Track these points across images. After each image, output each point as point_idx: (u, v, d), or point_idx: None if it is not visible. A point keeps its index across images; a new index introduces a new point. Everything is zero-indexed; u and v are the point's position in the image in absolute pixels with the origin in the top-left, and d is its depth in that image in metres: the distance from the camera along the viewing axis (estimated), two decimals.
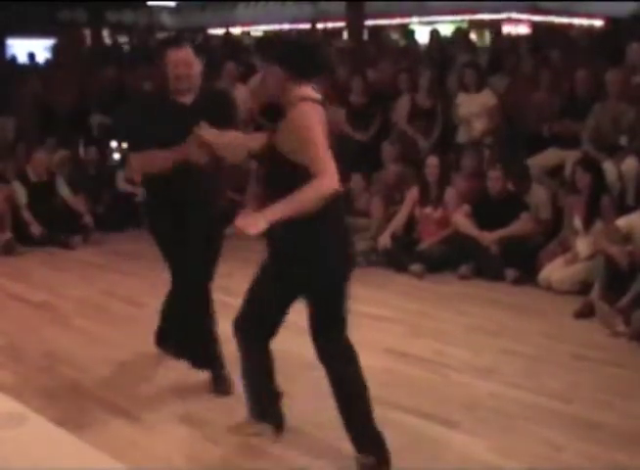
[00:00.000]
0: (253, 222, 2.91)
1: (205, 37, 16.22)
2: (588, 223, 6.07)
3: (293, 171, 3.08)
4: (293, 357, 4.34)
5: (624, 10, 14.44)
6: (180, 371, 4.35)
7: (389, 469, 3.33)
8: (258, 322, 3.45)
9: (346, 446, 3.59)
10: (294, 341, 4.33)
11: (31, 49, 14.68)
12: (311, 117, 3.10)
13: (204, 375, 4.24)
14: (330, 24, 18.41)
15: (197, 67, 3.97)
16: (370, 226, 7.23)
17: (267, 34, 20.54)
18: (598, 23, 18.36)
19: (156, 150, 3.84)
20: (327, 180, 2.99)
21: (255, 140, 3.38)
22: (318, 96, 3.24)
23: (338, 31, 16.53)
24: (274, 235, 3.14)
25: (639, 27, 9.88)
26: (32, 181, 8.08)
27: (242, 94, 6.88)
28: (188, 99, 3.97)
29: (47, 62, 13.91)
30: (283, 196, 3.00)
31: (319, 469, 3.43)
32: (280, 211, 2.96)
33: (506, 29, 18.33)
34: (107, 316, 5.66)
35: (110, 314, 5.71)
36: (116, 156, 9.43)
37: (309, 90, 3.22)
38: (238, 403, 4.00)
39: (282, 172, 3.14)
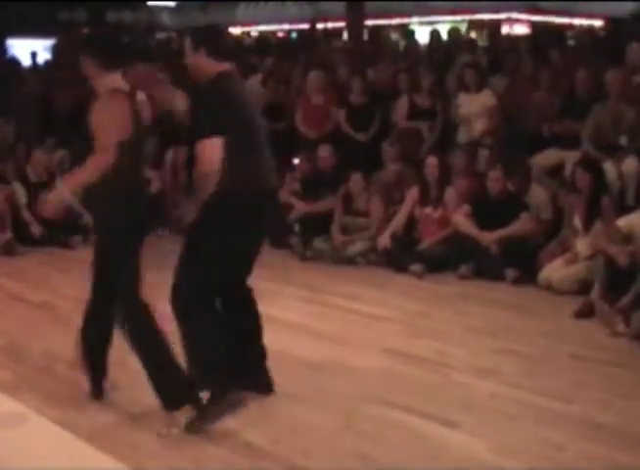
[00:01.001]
0: (57, 192, 3.63)
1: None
2: (588, 223, 6.07)
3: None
4: (293, 357, 4.34)
5: (624, 10, 14.46)
6: None
7: None
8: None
9: (347, 446, 3.60)
10: (294, 341, 4.35)
11: (31, 49, 14.67)
12: (110, 109, 3.62)
13: None
14: (330, 25, 18.39)
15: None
16: (370, 226, 7.22)
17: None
18: (598, 23, 18.34)
19: None
20: (102, 157, 3.59)
21: None
22: (126, 86, 3.70)
23: (338, 31, 16.52)
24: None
25: (639, 27, 9.88)
26: (32, 181, 8.07)
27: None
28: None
29: (47, 62, 13.90)
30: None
31: (319, 469, 3.43)
32: (73, 182, 3.68)
33: (505, 29, 18.33)
34: None
35: None
36: None
37: (118, 80, 3.63)
38: None
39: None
